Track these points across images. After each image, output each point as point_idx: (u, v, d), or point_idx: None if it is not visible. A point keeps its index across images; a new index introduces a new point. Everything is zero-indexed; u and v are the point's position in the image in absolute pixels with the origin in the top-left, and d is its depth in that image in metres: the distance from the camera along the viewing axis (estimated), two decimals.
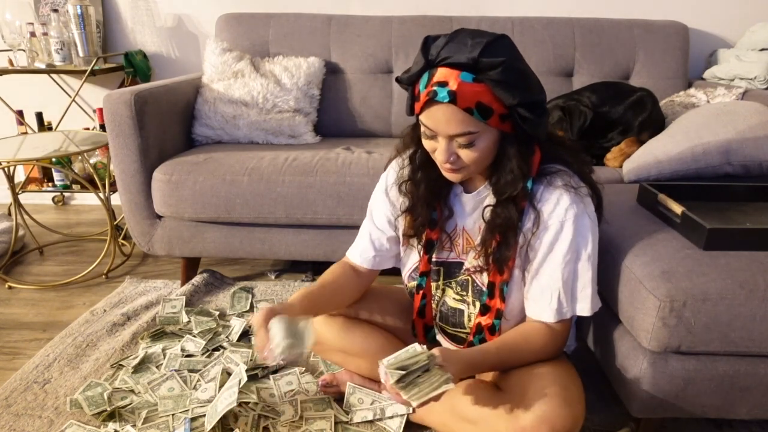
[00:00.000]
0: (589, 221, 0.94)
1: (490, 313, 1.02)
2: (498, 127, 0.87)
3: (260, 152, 1.70)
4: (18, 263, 2.02)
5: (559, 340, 1.01)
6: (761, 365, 0.95)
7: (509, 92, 0.82)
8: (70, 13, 2.10)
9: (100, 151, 2.28)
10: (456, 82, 0.82)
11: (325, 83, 2.06)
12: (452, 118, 0.85)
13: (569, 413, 0.87)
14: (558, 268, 0.94)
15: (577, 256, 0.95)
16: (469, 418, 0.98)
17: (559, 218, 0.93)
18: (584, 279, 0.96)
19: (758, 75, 1.90)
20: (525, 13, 2.19)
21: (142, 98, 1.59)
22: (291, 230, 1.65)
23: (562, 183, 0.93)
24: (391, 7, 2.26)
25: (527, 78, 0.86)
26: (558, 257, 0.94)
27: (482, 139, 0.87)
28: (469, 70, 0.82)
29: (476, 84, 0.82)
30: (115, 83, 2.41)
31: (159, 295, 1.72)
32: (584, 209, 0.93)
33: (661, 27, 2.06)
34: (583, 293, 0.96)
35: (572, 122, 1.61)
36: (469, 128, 0.85)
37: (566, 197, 0.92)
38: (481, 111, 0.83)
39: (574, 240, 0.93)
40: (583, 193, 0.94)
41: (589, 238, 0.94)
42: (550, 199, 0.93)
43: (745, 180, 1.40)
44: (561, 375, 0.94)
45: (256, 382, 1.31)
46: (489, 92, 0.83)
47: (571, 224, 0.92)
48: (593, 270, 0.96)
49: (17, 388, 1.29)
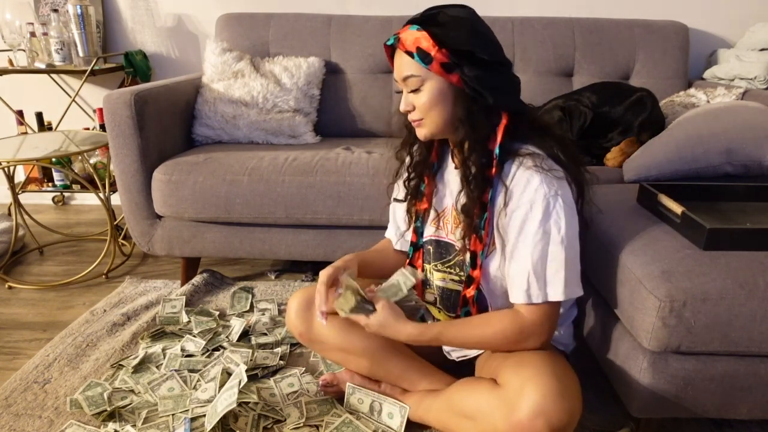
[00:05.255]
0: (561, 203, 0.92)
1: (474, 284, 1.03)
2: (441, 75, 0.93)
3: (260, 152, 1.70)
4: (18, 263, 2.02)
5: (528, 329, 0.97)
6: (761, 365, 0.95)
7: (444, 38, 0.91)
8: (70, 13, 2.10)
9: (100, 151, 2.29)
10: (404, 31, 0.95)
11: (325, 83, 2.06)
12: (399, 62, 0.96)
13: (565, 406, 0.87)
14: (528, 250, 0.93)
15: (548, 238, 0.92)
16: (466, 414, 0.99)
17: (529, 198, 0.92)
18: (557, 262, 0.93)
19: (758, 75, 1.90)
20: (525, 13, 2.19)
21: (142, 98, 1.59)
22: (291, 230, 1.65)
23: (533, 164, 0.93)
24: (391, 7, 2.26)
25: (472, 32, 0.92)
26: (528, 238, 0.93)
27: (428, 85, 0.94)
28: (416, 22, 0.94)
29: (418, 31, 0.93)
30: (115, 83, 2.42)
31: (159, 295, 1.72)
32: (556, 191, 0.92)
33: (661, 27, 2.06)
34: (555, 277, 0.93)
35: (572, 122, 1.61)
36: (411, 71, 0.94)
37: (537, 178, 0.92)
38: (421, 55, 0.92)
39: (544, 220, 0.92)
40: (558, 175, 0.93)
41: (562, 221, 0.92)
42: (521, 180, 0.94)
43: (745, 180, 1.40)
44: (557, 369, 0.94)
45: (256, 382, 1.31)
46: (428, 38, 0.92)
47: (540, 204, 0.91)
48: (568, 254, 0.93)
49: (17, 388, 1.29)
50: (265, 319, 1.57)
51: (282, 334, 1.50)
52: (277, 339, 1.48)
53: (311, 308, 1.17)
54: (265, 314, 1.60)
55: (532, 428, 0.87)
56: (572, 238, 0.94)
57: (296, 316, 1.18)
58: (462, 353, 1.19)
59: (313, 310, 1.17)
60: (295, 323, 1.19)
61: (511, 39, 2.05)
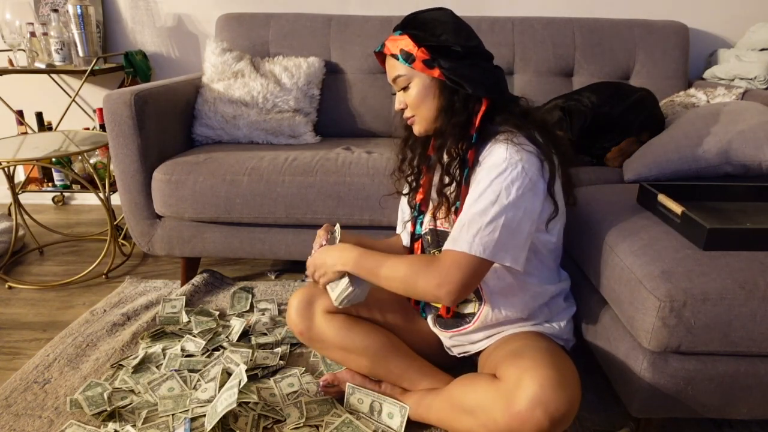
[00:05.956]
0: (520, 172, 0.94)
1: None
2: (424, 71, 1.00)
3: (260, 152, 1.70)
4: (18, 263, 2.02)
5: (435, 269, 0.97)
6: (761, 365, 0.95)
7: (422, 37, 0.99)
8: (70, 13, 2.10)
9: (100, 151, 2.29)
10: (389, 37, 1.04)
11: (325, 83, 2.06)
12: (389, 66, 1.05)
13: (564, 396, 0.87)
14: (473, 202, 0.96)
15: (495, 198, 0.93)
16: (466, 409, 0.99)
17: (492, 162, 0.96)
18: (494, 223, 0.93)
19: (758, 75, 1.90)
20: (525, 13, 2.19)
21: (142, 98, 1.59)
22: (291, 230, 1.65)
23: (504, 138, 0.97)
24: (391, 7, 2.26)
25: (447, 29, 0.99)
26: (476, 192, 0.97)
27: (414, 82, 1.02)
28: (398, 28, 1.03)
29: (400, 35, 1.02)
30: (115, 83, 2.42)
31: (159, 295, 1.73)
32: (519, 160, 0.94)
33: (661, 27, 2.06)
34: (488, 236, 0.93)
35: (572, 122, 1.61)
36: (399, 72, 1.03)
37: (503, 147, 0.96)
38: (404, 56, 1.01)
39: (496, 179, 0.94)
40: (527, 149, 0.96)
41: (514, 188, 0.93)
42: (492, 151, 0.98)
43: (745, 180, 1.40)
44: (554, 360, 0.94)
45: (256, 382, 1.31)
46: (409, 40, 1.00)
47: (498, 166, 0.95)
48: (510, 221, 0.93)
49: (17, 388, 1.29)
50: (265, 319, 1.57)
51: (282, 334, 1.50)
52: (277, 339, 1.48)
53: (312, 307, 1.18)
54: (265, 314, 1.60)
55: (531, 419, 0.87)
56: (519, 207, 0.94)
57: (297, 314, 1.18)
58: (463, 349, 1.19)
59: (314, 309, 1.17)
60: (295, 322, 1.19)
61: (511, 39, 2.05)
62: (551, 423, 0.87)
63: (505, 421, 0.89)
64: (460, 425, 1.02)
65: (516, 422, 0.88)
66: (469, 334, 1.15)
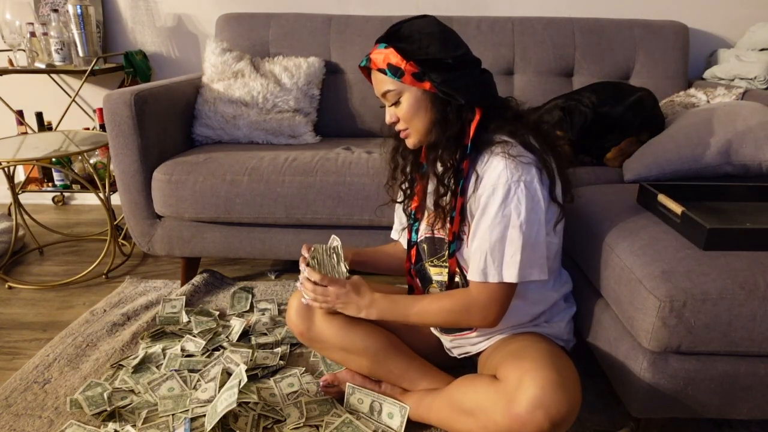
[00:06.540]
0: (523, 189, 0.94)
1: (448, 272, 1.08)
2: (414, 85, 0.98)
3: (260, 152, 1.70)
4: (18, 263, 2.02)
5: (474, 307, 1.01)
6: (761, 365, 0.95)
7: (409, 51, 0.97)
8: (70, 13, 2.10)
9: (100, 151, 2.29)
10: (374, 51, 1.01)
11: (325, 83, 2.06)
12: (376, 80, 1.03)
13: (564, 398, 0.88)
14: (487, 230, 0.97)
15: (507, 222, 0.95)
16: (466, 410, 0.99)
17: (492, 182, 0.96)
18: (514, 246, 0.96)
19: (758, 75, 1.90)
20: (525, 13, 2.19)
21: (142, 98, 1.59)
22: (291, 230, 1.65)
23: (501, 150, 0.97)
24: (391, 7, 2.26)
25: (434, 40, 0.97)
26: (488, 219, 0.97)
27: (405, 96, 1.00)
28: (383, 40, 1.00)
29: (386, 49, 0.99)
30: (115, 83, 2.42)
31: (159, 295, 1.73)
32: (519, 177, 0.94)
33: (661, 27, 2.06)
34: (512, 259, 0.96)
35: (573, 122, 1.61)
36: (388, 86, 1.00)
37: (501, 164, 0.95)
38: (392, 71, 0.98)
39: (504, 204, 0.95)
40: (524, 161, 0.96)
41: (522, 206, 0.94)
42: (490, 166, 0.98)
43: (745, 180, 1.40)
44: (555, 362, 0.94)
45: (256, 382, 1.31)
46: (396, 54, 0.98)
47: (501, 189, 0.94)
48: (526, 239, 0.95)
49: (17, 388, 1.29)
50: (265, 319, 1.57)
51: (282, 334, 1.50)
52: (277, 339, 1.48)
53: (312, 307, 1.17)
54: (265, 314, 1.60)
55: (531, 421, 0.87)
56: (532, 223, 0.96)
57: (297, 315, 1.18)
58: (463, 350, 1.19)
59: (314, 309, 1.17)
60: (295, 322, 1.19)
61: (511, 39, 2.05)
62: (552, 425, 0.87)
63: (505, 422, 0.89)
64: (460, 426, 1.02)
65: (516, 424, 0.88)
66: (470, 338, 1.15)
